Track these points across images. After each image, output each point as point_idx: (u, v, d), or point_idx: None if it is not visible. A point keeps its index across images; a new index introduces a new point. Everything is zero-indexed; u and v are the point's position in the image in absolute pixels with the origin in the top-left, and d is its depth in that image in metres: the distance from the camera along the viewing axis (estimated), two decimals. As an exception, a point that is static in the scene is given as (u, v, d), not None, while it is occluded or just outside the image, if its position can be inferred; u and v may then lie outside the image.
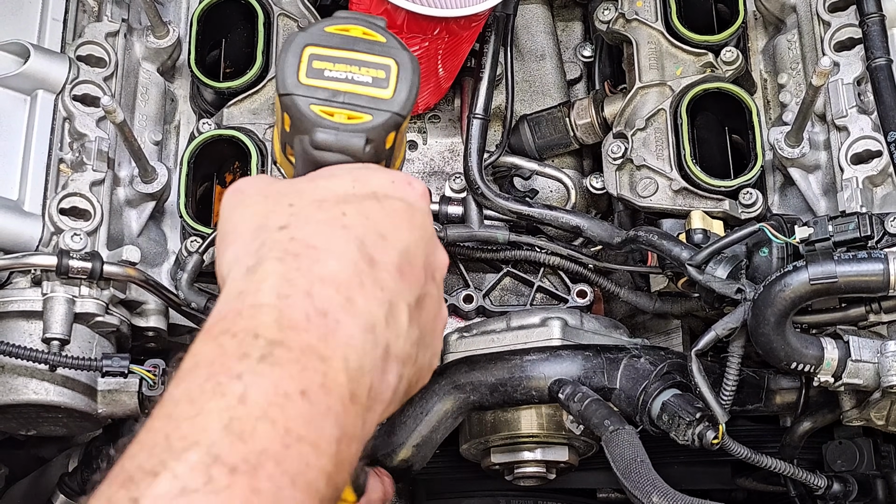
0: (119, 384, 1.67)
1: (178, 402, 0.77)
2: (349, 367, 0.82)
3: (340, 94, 0.96)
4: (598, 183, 1.81)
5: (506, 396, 1.66)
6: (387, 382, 0.87)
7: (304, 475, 0.75)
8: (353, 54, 0.97)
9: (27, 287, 1.62)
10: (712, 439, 1.51)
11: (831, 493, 1.76)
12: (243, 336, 0.80)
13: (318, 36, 0.98)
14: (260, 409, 0.76)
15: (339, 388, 0.80)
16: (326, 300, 0.83)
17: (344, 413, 0.80)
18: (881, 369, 1.49)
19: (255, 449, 0.74)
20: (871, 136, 1.59)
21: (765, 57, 1.83)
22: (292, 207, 0.90)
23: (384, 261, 0.89)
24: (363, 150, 0.95)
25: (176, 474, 0.72)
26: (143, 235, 1.75)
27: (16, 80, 1.67)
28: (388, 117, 0.96)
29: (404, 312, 0.89)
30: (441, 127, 1.90)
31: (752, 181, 1.69)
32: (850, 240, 1.49)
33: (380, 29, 1.00)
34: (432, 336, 0.97)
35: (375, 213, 0.91)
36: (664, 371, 1.62)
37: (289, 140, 0.99)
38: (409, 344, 0.90)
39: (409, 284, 0.91)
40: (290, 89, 0.96)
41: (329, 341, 0.81)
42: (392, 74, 0.97)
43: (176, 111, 1.88)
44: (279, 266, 0.85)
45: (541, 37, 1.96)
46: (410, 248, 0.92)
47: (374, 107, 0.96)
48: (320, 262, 0.85)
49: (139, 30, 1.84)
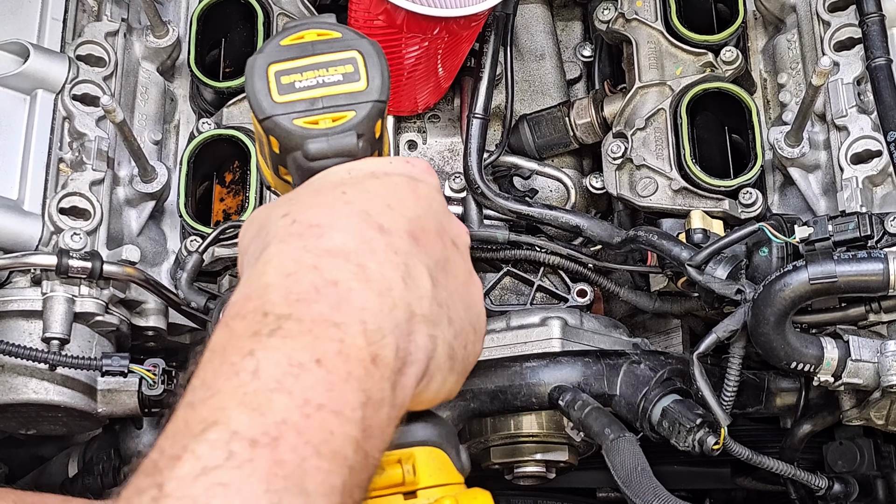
0: (119, 383, 1.67)
1: (196, 390, 0.77)
2: (367, 329, 0.81)
3: (318, 101, 0.95)
4: (597, 182, 1.81)
5: (506, 403, 1.66)
6: (415, 343, 0.85)
7: (328, 443, 0.75)
8: (316, 58, 0.97)
9: (27, 286, 1.62)
10: (713, 445, 1.51)
11: (832, 494, 1.76)
12: (252, 316, 0.80)
13: (277, 52, 0.98)
14: (274, 380, 0.76)
15: (358, 353, 0.80)
16: (336, 270, 0.83)
17: (367, 377, 0.79)
18: (881, 369, 1.49)
19: (273, 420, 0.73)
20: (870, 136, 1.59)
21: (765, 57, 1.83)
22: (291, 200, 0.91)
23: (394, 227, 0.88)
24: (357, 147, 0.95)
25: (197, 455, 0.72)
26: (143, 235, 1.75)
27: (15, 80, 1.67)
28: (371, 107, 0.96)
29: (424, 274, 0.88)
30: (441, 126, 1.89)
31: (752, 181, 1.69)
32: (850, 239, 1.49)
33: (332, 26, 0.99)
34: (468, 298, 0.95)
35: (376, 187, 0.91)
36: (664, 377, 1.62)
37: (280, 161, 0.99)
38: (436, 304, 0.88)
39: (426, 248, 0.90)
40: (267, 112, 0.95)
41: (342, 308, 0.81)
42: (360, 65, 0.97)
43: (175, 111, 1.88)
44: (283, 247, 0.85)
45: (540, 36, 1.96)
46: (420, 216, 0.91)
47: (353, 101, 0.96)
48: (325, 237, 0.86)
49: (139, 29, 1.84)
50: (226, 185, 1.80)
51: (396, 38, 1.60)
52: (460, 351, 0.93)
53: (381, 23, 1.58)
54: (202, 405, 0.75)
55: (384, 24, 1.58)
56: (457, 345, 0.92)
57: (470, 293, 0.96)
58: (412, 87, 1.77)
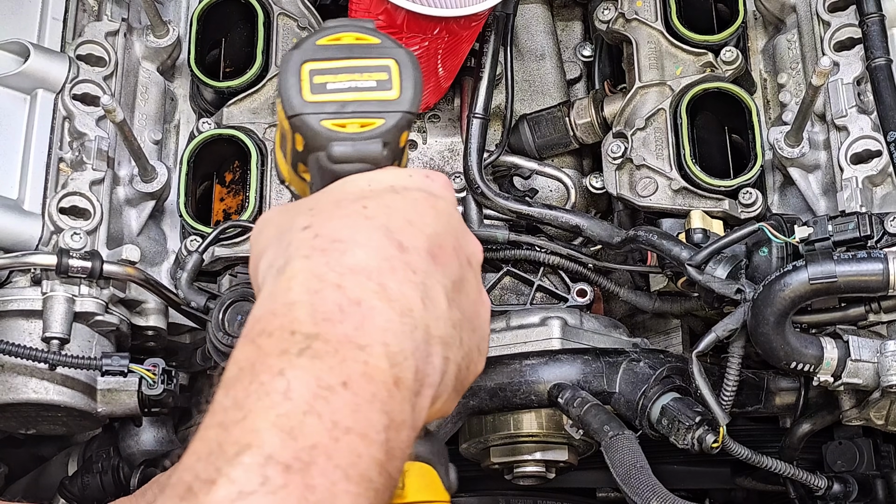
0: (118, 383, 1.67)
1: (227, 410, 0.77)
2: (390, 351, 0.81)
3: (349, 105, 0.95)
4: (597, 182, 1.81)
5: (505, 401, 1.66)
6: (432, 365, 0.86)
7: (355, 467, 0.76)
8: (352, 62, 0.96)
9: (27, 286, 1.62)
10: (712, 443, 1.51)
11: (831, 494, 1.76)
12: (280, 334, 0.80)
13: (313, 50, 0.97)
14: (306, 403, 0.76)
15: (381, 375, 0.80)
16: (359, 289, 0.83)
17: (390, 399, 0.80)
18: (881, 369, 1.49)
19: (305, 445, 0.74)
20: (870, 136, 1.59)
21: (765, 57, 1.83)
22: (312, 210, 0.91)
23: (413, 245, 0.88)
24: (382, 155, 0.95)
25: (232, 479, 0.72)
26: (143, 234, 1.76)
27: (16, 80, 1.67)
28: (400, 117, 0.95)
29: (441, 294, 0.88)
30: (441, 126, 1.89)
31: (752, 181, 1.69)
32: (850, 239, 1.49)
33: (371, 31, 0.99)
34: (476, 320, 0.96)
35: (397, 202, 0.91)
36: (663, 375, 1.62)
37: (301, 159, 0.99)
38: (451, 325, 0.89)
39: (443, 267, 0.90)
40: (297, 109, 0.95)
41: (366, 329, 0.81)
42: (394, 74, 0.96)
43: (176, 110, 1.88)
44: (307, 263, 0.85)
45: (540, 36, 1.96)
46: (439, 233, 0.91)
47: (384, 110, 0.95)
48: (347, 253, 0.86)
49: (139, 29, 1.84)
50: (226, 185, 1.80)
51: (397, 38, 1.60)
52: (465, 372, 0.94)
53: (382, 23, 1.58)
54: (235, 426, 0.75)
55: (384, 24, 1.58)
56: (463, 365, 0.93)
57: (478, 313, 0.97)
58: (412, 87, 1.77)
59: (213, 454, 0.74)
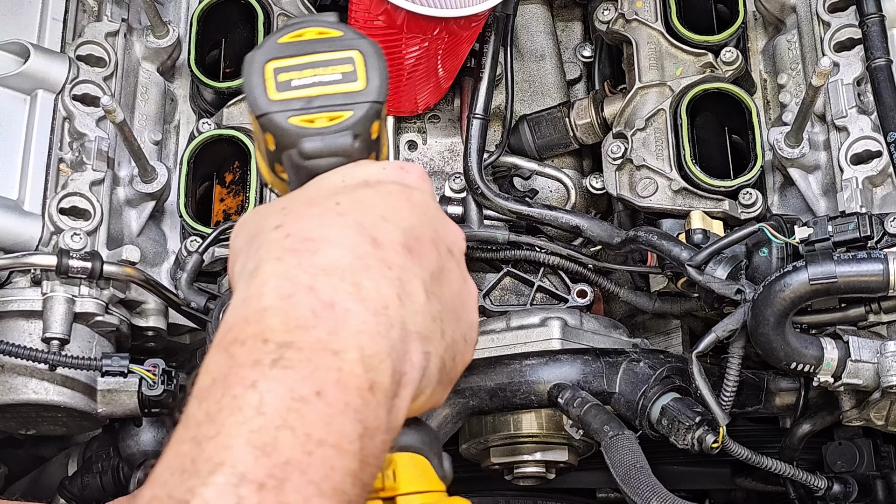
0: (118, 384, 1.67)
1: (201, 424, 0.76)
2: (364, 355, 0.80)
3: (315, 99, 0.94)
4: (597, 183, 1.81)
5: (505, 401, 1.66)
6: (411, 362, 0.85)
7: (329, 479, 0.75)
8: (314, 56, 0.95)
9: (27, 287, 1.62)
10: (712, 443, 1.51)
11: (831, 494, 1.76)
12: (252, 343, 0.79)
13: (275, 49, 0.96)
14: (279, 416, 0.75)
15: (356, 381, 0.79)
16: (332, 290, 0.82)
17: (364, 406, 0.79)
18: (881, 369, 1.49)
19: (279, 461, 0.73)
20: (870, 137, 1.59)
21: (764, 57, 1.83)
22: (284, 209, 0.90)
23: (388, 240, 0.87)
24: (354, 147, 0.94)
25: (206, 500, 0.71)
26: (143, 235, 1.76)
27: (16, 80, 1.67)
28: (369, 107, 0.94)
29: (419, 288, 0.87)
30: (441, 127, 1.89)
31: (752, 181, 1.69)
32: (850, 240, 1.49)
33: (332, 24, 0.98)
34: (461, 309, 0.94)
35: (370, 197, 0.90)
36: (663, 375, 1.62)
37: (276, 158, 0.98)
38: (430, 319, 0.87)
39: (420, 260, 0.89)
40: (263, 109, 0.94)
41: (339, 334, 0.80)
42: (359, 65, 0.95)
43: (176, 111, 1.88)
44: (278, 266, 0.84)
45: (540, 37, 1.96)
46: (415, 225, 0.90)
47: (351, 101, 0.94)
48: (319, 252, 0.84)
49: (139, 29, 1.84)
50: (226, 186, 1.80)
51: (397, 39, 1.60)
52: (450, 363, 0.92)
53: (382, 23, 1.58)
54: (208, 443, 0.74)
55: (384, 25, 1.58)
56: (447, 357, 0.91)
57: (464, 302, 0.95)
58: (412, 88, 1.77)
59: (187, 472, 0.74)
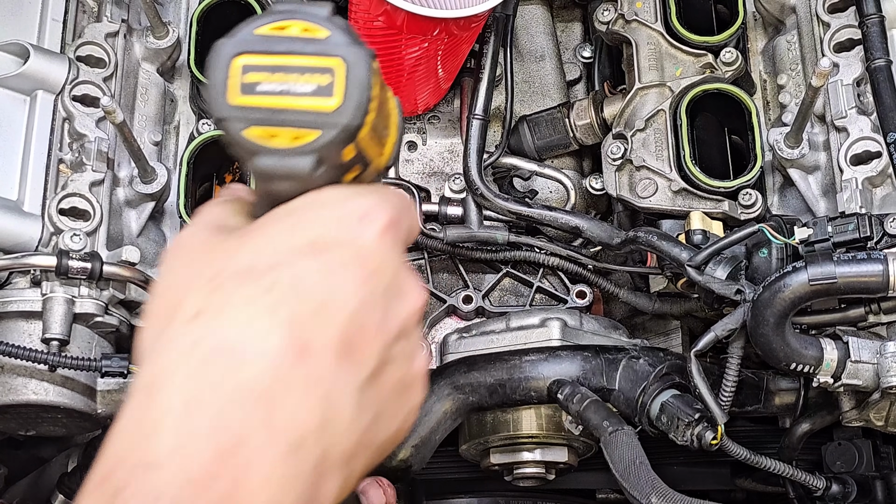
0: (118, 384, 1.67)
1: None
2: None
3: (281, 112, 0.77)
4: (597, 184, 1.81)
5: (505, 397, 1.66)
6: (324, 495, 0.75)
7: None
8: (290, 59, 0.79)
9: (27, 287, 1.62)
10: (711, 440, 1.51)
11: (830, 495, 1.76)
12: (138, 500, 0.69)
13: (249, 41, 0.81)
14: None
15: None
16: (239, 425, 0.72)
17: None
18: (880, 370, 1.49)
19: None
20: (870, 137, 1.59)
21: (764, 58, 1.83)
22: (213, 282, 0.76)
23: (321, 343, 0.75)
24: (313, 174, 0.78)
25: None
26: (143, 236, 1.75)
27: (15, 81, 1.67)
28: (339, 132, 0.77)
29: (348, 403, 0.76)
30: (440, 127, 1.90)
31: (752, 182, 1.69)
32: (850, 241, 1.49)
33: (322, 21, 0.79)
34: (400, 401, 0.83)
35: (311, 276, 0.76)
36: (663, 372, 1.62)
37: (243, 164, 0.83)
38: (357, 434, 0.78)
39: (358, 361, 0.77)
40: (220, 113, 0.78)
41: (242, 489, 0.70)
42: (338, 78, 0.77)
43: (175, 112, 1.88)
44: (184, 388, 0.73)
45: (540, 37, 1.96)
46: (359, 311, 0.77)
47: (320, 122, 0.77)
48: (235, 369, 0.73)
49: (139, 30, 1.84)
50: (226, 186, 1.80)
51: (396, 40, 1.60)
52: (379, 457, 0.83)
53: (381, 24, 1.58)
54: None
55: (384, 25, 1.58)
56: (376, 458, 0.82)
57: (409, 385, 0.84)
58: (412, 88, 1.77)
59: None
